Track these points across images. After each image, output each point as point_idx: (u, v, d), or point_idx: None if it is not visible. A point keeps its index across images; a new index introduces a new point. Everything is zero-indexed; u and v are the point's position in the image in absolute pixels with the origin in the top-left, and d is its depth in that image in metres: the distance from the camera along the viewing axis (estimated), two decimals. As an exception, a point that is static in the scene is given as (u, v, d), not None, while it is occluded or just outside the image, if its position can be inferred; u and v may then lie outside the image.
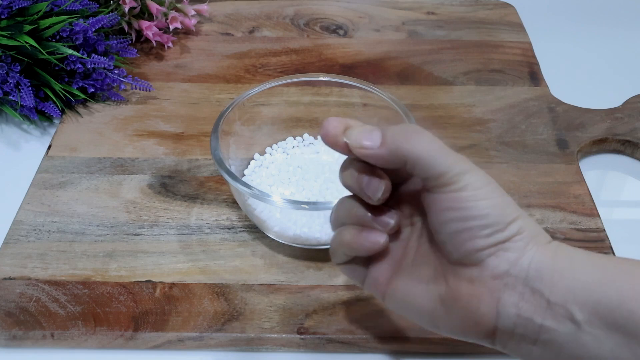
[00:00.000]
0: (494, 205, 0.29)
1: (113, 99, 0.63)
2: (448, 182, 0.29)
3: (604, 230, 0.51)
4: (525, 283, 0.29)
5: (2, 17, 0.57)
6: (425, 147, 0.29)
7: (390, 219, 0.32)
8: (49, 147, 0.58)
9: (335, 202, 0.41)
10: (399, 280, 0.33)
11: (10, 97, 0.58)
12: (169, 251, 0.49)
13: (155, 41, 0.70)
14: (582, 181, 0.55)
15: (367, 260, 0.34)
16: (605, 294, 0.27)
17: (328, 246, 0.48)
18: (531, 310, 0.29)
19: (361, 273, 0.35)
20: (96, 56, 0.60)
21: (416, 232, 0.33)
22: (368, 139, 0.30)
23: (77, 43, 0.60)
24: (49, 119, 0.62)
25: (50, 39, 0.59)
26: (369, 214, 0.32)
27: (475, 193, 0.29)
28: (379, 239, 0.32)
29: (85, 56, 0.59)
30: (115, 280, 0.47)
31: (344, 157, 0.33)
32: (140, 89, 0.63)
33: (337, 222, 0.34)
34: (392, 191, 0.32)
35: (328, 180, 0.50)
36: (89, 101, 0.63)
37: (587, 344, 0.28)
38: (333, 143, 0.31)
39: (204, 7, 0.73)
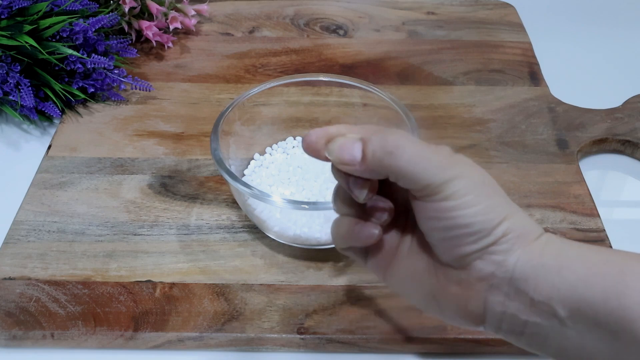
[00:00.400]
0: (478, 213, 0.29)
1: (113, 99, 0.63)
2: (432, 193, 0.29)
3: (604, 230, 0.51)
4: (510, 283, 0.29)
5: (2, 17, 0.57)
6: (406, 160, 0.28)
7: (383, 211, 0.32)
8: (49, 147, 0.58)
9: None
10: (396, 267, 0.34)
11: (10, 97, 0.58)
12: (169, 251, 0.49)
13: (155, 41, 0.70)
14: (582, 181, 0.55)
15: (366, 247, 0.35)
16: (589, 292, 0.28)
17: (328, 246, 0.48)
18: (516, 307, 0.30)
19: (362, 256, 0.35)
20: (96, 56, 0.60)
21: (411, 221, 0.34)
22: (349, 154, 0.30)
23: (77, 43, 0.60)
24: (49, 119, 0.62)
25: (50, 39, 0.59)
26: (363, 206, 0.32)
27: (460, 202, 0.29)
28: (373, 231, 0.32)
29: (85, 56, 0.59)
30: (115, 280, 0.47)
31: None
32: (140, 89, 0.63)
33: (337, 209, 0.34)
34: (386, 181, 0.32)
35: (328, 180, 0.50)
36: (89, 101, 0.63)
37: (570, 337, 0.29)
38: (315, 156, 0.32)
39: (204, 7, 0.73)
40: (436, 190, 0.29)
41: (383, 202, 0.32)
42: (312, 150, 0.32)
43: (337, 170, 0.32)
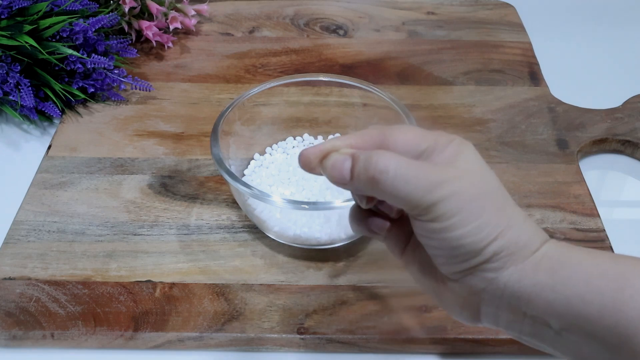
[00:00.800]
0: (466, 235, 0.28)
1: (113, 99, 0.63)
2: (420, 214, 0.28)
3: (604, 230, 0.51)
4: (502, 299, 0.29)
5: (2, 17, 0.57)
6: (390, 185, 0.28)
7: (392, 205, 0.32)
8: (49, 147, 0.58)
9: (335, 202, 0.42)
10: (409, 253, 0.34)
11: (10, 97, 0.58)
12: (169, 251, 0.49)
13: (155, 41, 0.70)
14: (582, 181, 0.55)
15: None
16: (586, 308, 0.27)
17: (328, 246, 0.48)
18: (510, 318, 0.30)
19: (380, 236, 0.35)
20: (96, 56, 0.60)
21: None
22: (338, 174, 0.30)
23: (77, 43, 0.60)
24: (49, 119, 0.62)
25: (50, 39, 0.59)
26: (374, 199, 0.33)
27: (447, 225, 0.28)
28: (382, 225, 0.33)
29: (85, 56, 0.59)
30: (115, 280, 0.47)
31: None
32: (140, 89, 0.63)
33: (354, 199, 0.35)
34: None
35: (328, 180, 0.50)
36: (89, 101, 0.63)
37: (566, 345, 0.28)
38: (311, 173, 0.32)
39: (204, 7, 0.73)
40: (423, 212, 0.28)
41: None
42: (308, 168, 0.32)
43: None
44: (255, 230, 0.51)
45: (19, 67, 0.58)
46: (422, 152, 0.30)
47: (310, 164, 0.32)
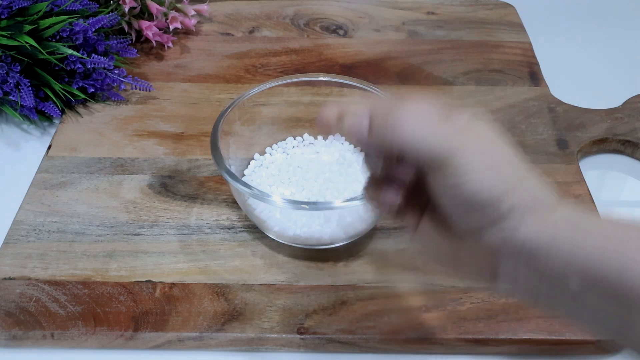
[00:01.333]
0: (480, 189, 0.29)
1: (113, 99, 0.63)
2: (434, 168, 0.29)
3: (604, 230, 0.51)
4: (520, 256, 0.29)
5: (2, 17, 0.57)
6: (408, 137, 0.29)
7: (403, 180, 0.33)
8: (49, 147, 0.58)
9: (335, 202, 0.42)
10: (423, 227, 0.34)
11: (10, 97, 0.58)
12: (169, 251, 0.49)
13: (155, 41, 0.70)
14: (582, 181, 0.55)
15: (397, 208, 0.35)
16: (605, 268, 0.27)
17: (328, 246, 0.48)
18: (527, 277, 0.30)
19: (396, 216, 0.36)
20: (96, 56, 0.60)
21: None
22: (358, 128, 0.31)
23: (77, 43, 0.60)
24: (49, 119, 0.62)
25: (50, 39, 0.59)
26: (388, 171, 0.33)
27: (459, 179, 0.29)
28: (396, 195, 0.33)
29: (85, 56, 0.59)
30: (115, 280, 0.47)
31: (344, 158, 0.33)
32: (140, 89, 0.63)
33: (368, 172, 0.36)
34: None
35: (328, 180, 0.50)
36: (89, 101, 0.63)
37: (584, 306, 0.28)
38: (326, 131, 0.33)
39: (204, 7, 0.73)
40: (437, 166, 0.29)
41: (406, 166, 0.33)
42: (325, 127, 0.33)
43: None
44: (255, 230, 0.51)
45: (19, 67, 0.58)
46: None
47: (328, 122, 0.33)
